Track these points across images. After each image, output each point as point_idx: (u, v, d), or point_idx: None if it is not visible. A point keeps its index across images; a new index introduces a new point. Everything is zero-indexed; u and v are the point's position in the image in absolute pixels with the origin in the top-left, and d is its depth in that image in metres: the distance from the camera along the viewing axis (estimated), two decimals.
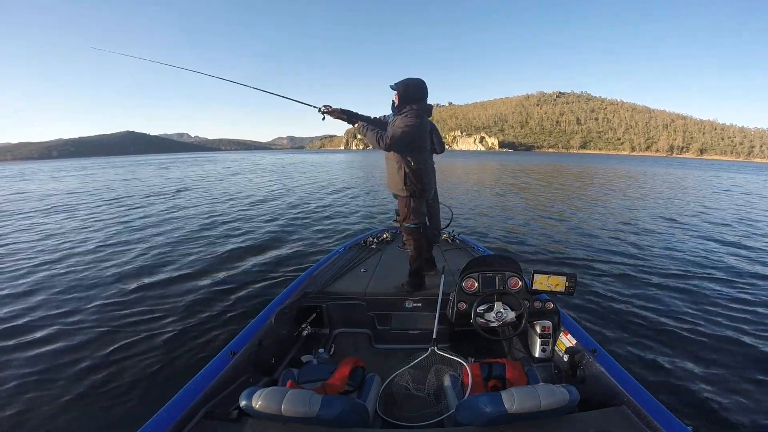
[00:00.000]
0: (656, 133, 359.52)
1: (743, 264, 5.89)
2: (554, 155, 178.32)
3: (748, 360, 3.26)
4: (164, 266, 6.02)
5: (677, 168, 45.61)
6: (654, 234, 7.97)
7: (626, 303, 4.35)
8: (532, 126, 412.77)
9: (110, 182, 23.84)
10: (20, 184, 25.39)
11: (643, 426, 1.52)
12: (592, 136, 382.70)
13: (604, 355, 1.96)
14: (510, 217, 10.03)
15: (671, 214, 10.62)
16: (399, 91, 2.63)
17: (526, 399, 1.37)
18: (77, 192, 18.29)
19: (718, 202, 13.61)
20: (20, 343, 3.68)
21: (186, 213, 11.18)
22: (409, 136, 2.53)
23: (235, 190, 17.33)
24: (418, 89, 2.60)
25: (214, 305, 4.41)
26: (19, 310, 4.41)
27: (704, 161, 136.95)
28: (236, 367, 1.96)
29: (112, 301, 4.63)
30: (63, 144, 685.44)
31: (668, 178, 26.93)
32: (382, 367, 2.39)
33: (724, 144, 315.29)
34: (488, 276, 2.38)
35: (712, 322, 3.92)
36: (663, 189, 18.58)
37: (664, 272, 5.41)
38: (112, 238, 8.18)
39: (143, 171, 35.99)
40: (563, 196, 14.23)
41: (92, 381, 3.05)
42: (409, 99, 2.60)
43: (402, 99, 2.62)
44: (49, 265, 6.17)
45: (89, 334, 3.81)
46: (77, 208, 12.69)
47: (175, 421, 1.49)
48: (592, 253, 6.45)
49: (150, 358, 3.37)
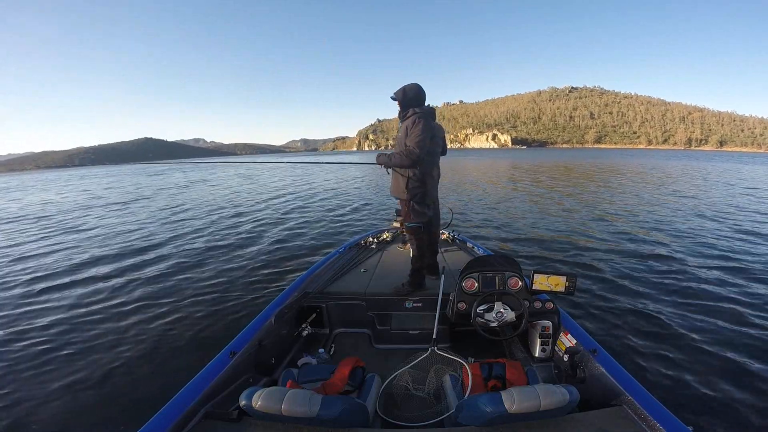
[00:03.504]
0: (673, 126, 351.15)
1: (748, 264, 5.69)
2: (569, 150, 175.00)
3: (748, 360, 3.19)
4: (164, 266, 6.13)
5: (695, 161, 44.31)
6: (655, 235, 7.72)
7: (626, 303, 4.28)
8: (545, 122, 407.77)
9: (112, 188, 24.44)
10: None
11: (643, 426, 1.50)
12: (607, 131, 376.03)
13: (604, 355, 1.93)
14: (510, 217, 9.89)
15: (676, 211, 10.28)
16: (399, 98, 2.76)
17: (526, 399, 1.36)
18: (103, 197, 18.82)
19: (727, 196, 13.13)
20: (18, 341, 3.78)
21: (186, 212, 11.36)
22: (426, 139, 2.58)
23: (236, 192, 17.62)
24: (414, 91, 2.72)
25: (215, 305, 4.46)
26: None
27: (724, 153, 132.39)
28: (236, 367, 1.99)
29: (112, 300, 4.73)
30: (84, 152, 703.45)
31: (688, 172, 26.15)
32: (382, 367, 2.39)
33: (744, 135, 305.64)
34: (488, 276, 2.37)
35: (712, 322, 3.85)
36: (674, 183, 18.06)
37: (665, 273, 5.29)
38: (112, 239, 8.42)
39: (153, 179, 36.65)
40: (565, 196, 13.97)
41: (92, 381, 3.11)
42: (410, 102, 2.72)
43: (404, 104, 2.75)
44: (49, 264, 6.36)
45: (89, 335, 3.89)
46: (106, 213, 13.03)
47: (175, 421, 1.51)
48: (593, 253, 6.34)
49: (150, 358, 3.43)
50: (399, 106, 2.79)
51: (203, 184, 23.39)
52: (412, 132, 2.57)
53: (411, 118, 2.63)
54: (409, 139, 2.57)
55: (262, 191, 17.57)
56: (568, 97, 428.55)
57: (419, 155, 2.54)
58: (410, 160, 2.56)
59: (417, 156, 2.54)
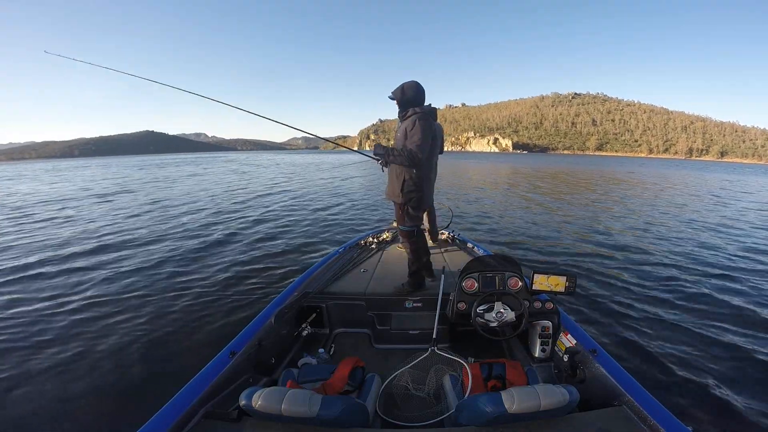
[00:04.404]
0: (675, 135, 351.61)
1: (749, 266, 5.72)
2: (570, 157, 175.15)
3: (749, 360, 3.20)
4: (164, 266, 6.11)
5: (694, 170, 44.37)
6: (656, 235, 7.81)
7: (626, 303, 4.29)
8: (546, 127, 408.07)
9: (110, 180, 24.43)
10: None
11: (643, 426, 1.51)
12: (609, 138, 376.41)
13: (604, 356, 1.93)
14: (511, 218, 9.92)
15: (677, 216, 10.33)
16: (398, 97, 2.68)
17: (526, 399, 1.37)
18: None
19: (727, 206, 13.19)
20: (16, 340, 3.76)
21: (185, 214, 11.33)
22: (427, 141, 2.53)
23: (235, 191, 17.54)
24: (413, 90, 2.64)
25: (215, 305, 4.44)
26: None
27: (725, 164, 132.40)
28: (236, 367, 1.98)
29: (112, 301, 4.70)
30: (85, 143, 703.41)
31: (685, 181, 26.21)
32: (382, 367, 2.39)
33: (746, 147, 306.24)
34: (488, 276, 2.36)
35: (713, 323, 3.86)
36: (672, 192, 18.14)
37: (665, 273, 5.32)
38: (111, 235, 8.42)
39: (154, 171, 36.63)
40: (566, 197, 14.00)
41: (92, 381, 3.09)
42: (409, 101, 2.65)
43: (402, 103, 2.68)
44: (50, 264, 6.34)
45: (89, 335, 3.87)
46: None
47: (175, 420, 1.50)
48: (593, 253, 6.36)
49: (150, 358, 3.42)
50: (398, 106, 2.72)
51: (201, 177, 23.27)
52: (412, 134, 2.52)
53: (411, 118, 2.57)
54: (410, 141, 2.52)
55: (262, 190, 17.55)
56: (570, 103, 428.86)
57: (419, 157, 2.49)
58: (410, 160, 2.52)
59: (418, 159, 2.50)
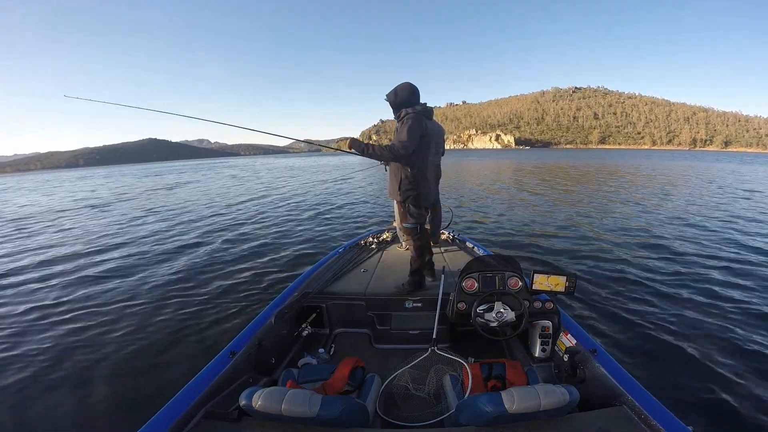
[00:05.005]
0: (677, 126, 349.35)
1: (750, 265, 5.65)
2: (572, 151, 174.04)
3: (749, 360, 3.17)
4: (163, 266, 6.16)
5: (700, 161, 44.03)
6: (656, 235, 7.71)
7: (626, 303, 4.27)
8: (548, 122, 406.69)
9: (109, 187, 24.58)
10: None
11: (643, 426, 1.50)
12: (611, 131, 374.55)
13: (604, 355, 1.92)
14: (511, 217, 9.87)
15: (677, 213, 10.20)
16: (391, 100, 2.72)
17: (526, 399, 1.36)
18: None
19: (725, 200, 13.00)
20: (15, 340, 3.82)
21: (184, 213, 11.38)
22: (413, 137, 2.53)
23: (234, 193, 17.67)
24: (406, 91, 2.66)
25: (214, 306, 4.47)
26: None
27: (729, 153, 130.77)
28: (236, 367, 1.98)
29: (112, 301, 4.75)
30: (89, 153, 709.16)
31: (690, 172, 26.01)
32: (382, 367, 2.39)
33: (750, 136, 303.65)
34: (488, 276, 2.36)
35: (713, 322, 3.83)
36: (671, 184, 18.00)
37: (666, 274, 5.25)
38: (113, 238, 8.49)
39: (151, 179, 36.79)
40: (566, 196, 13.92)
41: (92, 382, 3.11)
42: (402, 102, 2.67)
43: (396, 105, 2.71)
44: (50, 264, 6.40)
45: (89, 335, 3.91)
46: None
47: (175, 420, 1.51)
48: (593, 253, 6.31)
49: (150, 358, 3.44)
50: (392, 108, 2.75)
51: (201, 182, 23.41)
52: (400, 131, 2.58)
53: (404, 118, 2.61)
54: (395, 138, 2.59)
55: (263, 191, 17.66)
56: (571, 97, 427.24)
57: (400, 153, 2.52)
58: (391, 154, 2.56)
59: (398, 152, 2.52)
